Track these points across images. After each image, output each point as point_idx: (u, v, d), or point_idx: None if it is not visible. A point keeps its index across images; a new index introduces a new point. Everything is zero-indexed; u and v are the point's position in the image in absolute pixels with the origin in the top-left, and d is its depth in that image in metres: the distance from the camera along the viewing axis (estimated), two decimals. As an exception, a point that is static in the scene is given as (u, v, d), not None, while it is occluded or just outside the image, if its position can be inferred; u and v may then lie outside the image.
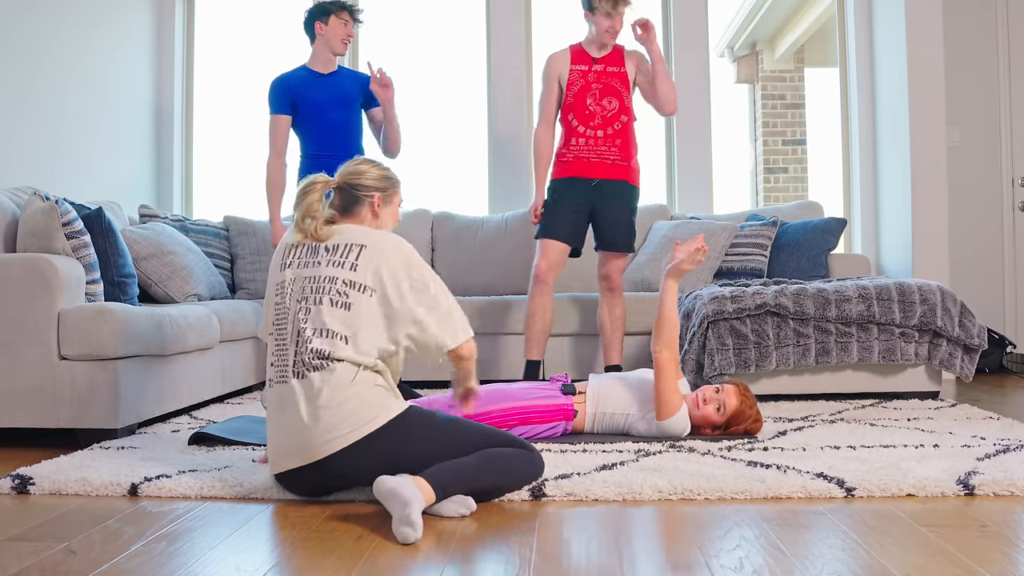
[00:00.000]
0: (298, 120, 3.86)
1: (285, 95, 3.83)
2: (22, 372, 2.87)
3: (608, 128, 3.74)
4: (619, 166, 3.76)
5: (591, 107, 3.74)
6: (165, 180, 5.43)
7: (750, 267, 4.52)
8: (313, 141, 3.84)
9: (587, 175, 3.75)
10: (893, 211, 4.99)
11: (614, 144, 3.75)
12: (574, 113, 3.76)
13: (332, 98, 3.84)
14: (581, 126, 3.75)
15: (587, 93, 3.75)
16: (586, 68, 3.78)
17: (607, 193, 3.75)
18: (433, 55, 5.72)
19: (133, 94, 5.14)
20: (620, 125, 3.75)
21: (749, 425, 2.83)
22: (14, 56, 4.08)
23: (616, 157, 3.75)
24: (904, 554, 1.64)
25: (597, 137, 3.74)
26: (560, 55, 3.84)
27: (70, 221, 3.08)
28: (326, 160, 3.79)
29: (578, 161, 3.75)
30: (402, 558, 1.66)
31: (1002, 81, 5.28)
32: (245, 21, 5.83)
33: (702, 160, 5.33)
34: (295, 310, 2.07)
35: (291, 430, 2.01)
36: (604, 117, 3.74)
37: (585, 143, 3.75)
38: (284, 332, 2.08)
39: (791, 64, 8.05)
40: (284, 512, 2.02)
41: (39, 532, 1.86)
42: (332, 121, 3.82)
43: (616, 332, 3.80)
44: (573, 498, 2.10)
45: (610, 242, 3.80)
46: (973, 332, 3.68)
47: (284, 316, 2.09)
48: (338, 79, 3.89)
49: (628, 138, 3.78)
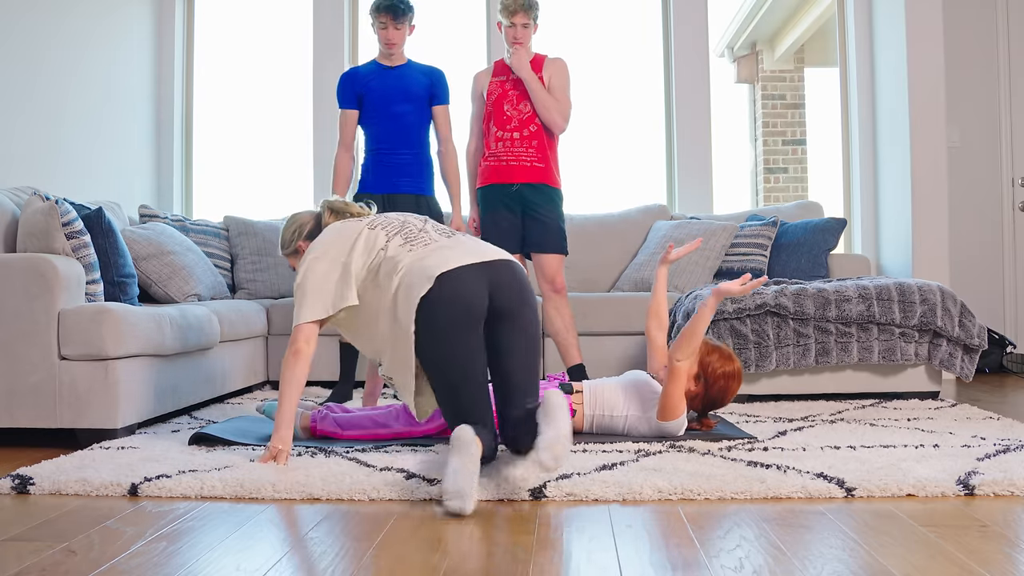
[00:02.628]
0: (364, 114, 3.83)
1: (351, 89, 3.81)
2: (22, 372, 2.87)
3: (524, 130, 3.78)
4: (537, 168, 3.79)
5: (507, 112, 3.81)
6: (165, 180, 5.43)
7: (750, 267, 4.52)
8: (377, 135, 3.80)
9: (507, 179, 3.79)
10: (893, 211, 4.99)
11: (531, 146, 3.78)
12: (493, 119, 3.84)
13: (397, 91, 3.78)
14: (499, 130, 3.81)
15: (504, 100, 3.82)
16: (504, 78, 3.85)
17: (529, 198, 3.79)
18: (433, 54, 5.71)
19: (133, 94, 5.14)
20: (536, 127, 3.79)
21: (722, 364, 2.82)
22: (14, 56, 4.08)
23: (534, 159, 3.79)
24: (904, 554, 1.64)
25: (513, 139, 3.79)
26: (484, 72, 3.97)
27: (70, 221, 3.08)
28: (390, 156, 3.80)
29: (498, 165, 3.80)
30: (402, 558, 1.66)
31: (1002, 81, 5.27)
32: (245, 21, 5.83)
33: (702, 160, 5.33)
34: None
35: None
36: (520, 120, 3.79)
37: (502, 146, 3.80)
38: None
39: (791, 64, 8.05)
40: (284, 512, 2.02)
41: (39, 532, 1.86)
42: (396, 114, 3.77)
43: (570, 331, 3.82)
44: (573, 498, 2.10)
45: (542, 244, 3.82)
46: (973, 332, 3.68)
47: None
48: (406, 72, 3.83)
49: (544, 141, 3.81)
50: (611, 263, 4.90)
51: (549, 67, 3.86)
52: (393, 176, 3.78)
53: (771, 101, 8.08)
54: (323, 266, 2.51)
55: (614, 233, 4.96)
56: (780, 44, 7.86)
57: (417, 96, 3.80)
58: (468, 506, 1.94)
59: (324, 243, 2.56)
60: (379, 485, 2.15)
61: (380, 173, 3.79)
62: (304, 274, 2.52)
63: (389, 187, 3.77)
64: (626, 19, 5.76)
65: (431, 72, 3.87)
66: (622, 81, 5.77)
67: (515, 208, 3.80)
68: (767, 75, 8.13)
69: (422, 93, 3.81)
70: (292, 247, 2.79)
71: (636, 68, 5.72)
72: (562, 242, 3.85)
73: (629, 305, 4.28)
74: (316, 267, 2.51)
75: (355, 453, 2.57)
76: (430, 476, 2.24)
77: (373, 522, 1.91)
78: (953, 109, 5.21)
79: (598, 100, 5.79)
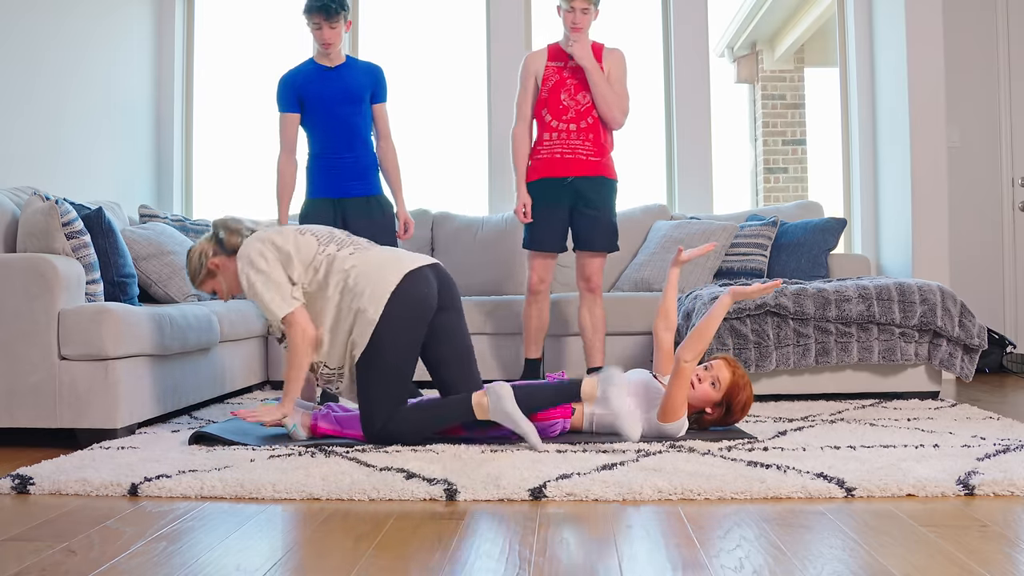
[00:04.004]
0: (305, 117, 3.75)
1: (291, 92, 3.74)
2: (22, 372, 2.87)
3: (581, 122, 3.70)
4: (592, 162, 3.71)
5: (564, 101, 3.71)
6: (165, 180, 5.43)
7: (750, 267, 4.52)
8: (320, 139, 3.74)
9: (560, 174, 3.71)
10: (893, 211, 4.99)
11: (587, 139, 3.70)
12: (548, 108, 3.73)
13: (339, 92, 3.71)
14: (554, 120, 3.72)
15: (561, 88, 3.72)
16: (561, 65, 3.75)
17: (583, 191, 3.71)
18: (433, 54, 5.72)
19: (133, 94, 5.14)
20: (593, 120, 3.70)
21: (747, 398, 2.82)
22: (14, 56, 4.08)
23: (590, 152, 3.71)
24: (904, 554, 1.64)
25: (570, 131, 3.70)
26: (537, 54, 3.82)
27: (70, 221, 3.08)
28: (336, 159, 3.75)
29: (551, 158, 3.72)
30: (402, 558, 1.66)
31: (1002, 81, 5.28)
32: (245, 21, 5.83)
33: (702, 160, 5.33)
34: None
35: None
36: (577, 111, 3.70)
37: (558, 137, 3.71)
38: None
39: (791, 64, 8.05)
40: (284, 512, 2.02)
41: (39, 532, 1.86)
42: (340, 116, 3.71)
43: (597, 333, 3.79)
44: (573, 498, 2.10)
45: (589, 242, 3.75)
46: (973, 332, 3.68)
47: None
48: (346, 72, 3.75)
49: (600, 134, 3.73)
50: (611, 263, 4.89)
51: (609, 58, 3.75)
52: (343, 180, 3.73)
53: (771, 101, 8.08)
54: (266, 265, 2.73)
55: (614, 233, 4.95)
56: (780, 44, 7.86)
57: (359, 96, 3.74)
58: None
59: (257, 249, 2.75)
60: (379, 485, 2.15)
61: (329, 177, 3.74)
62: (252, 278, 2.72)
63: (340, 191, 3.73)
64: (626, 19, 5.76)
65: (372, 70, 3.81)
66: (622, 81, 5.76)
67: (564, 202, 3.73)
68: (767, 75, 8.13)
69: (363, 93, 3.75)
70: (204, 271, 2.91)
71: (636, 68, 5.71)
72: (612, 239, 3.78)
73: (629, 305, 4.28)
74: (260, 266, 2.72)
75: (355, 453, 2.57)
76: (430, 476, 2.24)
77: (373, 522, 1.91)
78: (953, 109, 5.21)
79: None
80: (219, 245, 2.90)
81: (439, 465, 2.38)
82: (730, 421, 2.88)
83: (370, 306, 2.66)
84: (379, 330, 2.65)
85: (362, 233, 3.81)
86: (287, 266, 2.75)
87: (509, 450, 2.59)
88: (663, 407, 2.75)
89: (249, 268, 2.74)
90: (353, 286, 2.70)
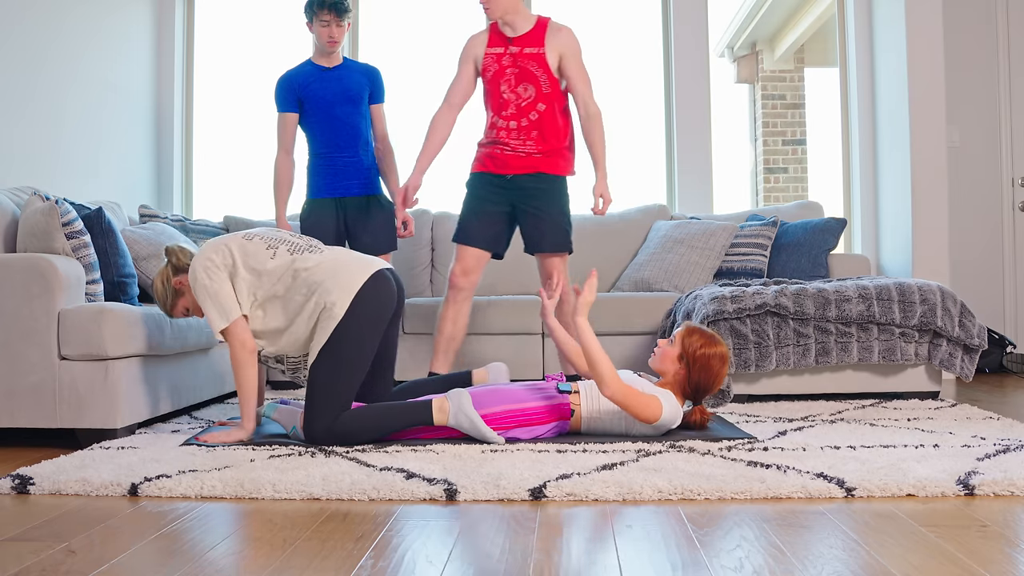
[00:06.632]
0: (304, 117, 3.79)
1: (290, 92, 3.77)
2: (22, 372, 2.87)
3: (523, 119, 3.43)
4: (534, 159, 3.45)
5: (505, 95, 3.44)
6: (165, 180, 5.43)
7: (750, 267, 4.52)
8: (320, 139, 3.78)
9: (500, 170, 3.49)
10: (893, 211, 4.99)
11: (529, 136, 3.43)
12: (489, 101, 3.50)
13: (338, 93, 3.75)
14: (496, 117, 3.48)
15: (501, 79, 3.44)
16: (501, 51, 3.45)
17: (526, 190, 3.48)
18: (433, 53, 5.71)
19: (133, 94, 5.14)
20: (536, 115, 3.43)
21: (703, 339, 2.81)
22: (14, 56, 4.08)
23: (532, 150, 3.45)
24: (904, 554, 1.64)
25: (510, 128, 3.45)
26: (478, 37, 3.53)
27: (70, 221, 3.08)
28: (336, 159, 3.78)
29: (492, 153, 3.51)
30: (403, 558, 1.66)
31: (1002, 81, 5.28)
32: (245, 21, 5.83)
33: (702, 160, 5.33)
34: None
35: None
36: (518, 106, 3.42)
37: (497, 135, 3.48)
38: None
39: (791, 64, 8.05)
40: (284, 512, 2.02)
41: (39, 532, 1.86)
42: (339, 116, 3.74)
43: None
44: (573, 498, 2.10)
45: (536, 243, 3.52)
46: (973, 332, 3.68)
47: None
48: (344, 72, 3.79)
49: (545, 129, 3.44)
50: (611, 263, 4.90)
51: (555, 39, 3.43)
52: (343, 179, 3.76)
53: (771, 101, 8.08)
54: (207, 279, 2.75)
55: (614, 233, 4.96)
56: (780, 44, 7.86)
57: (358, 96, 3.78)
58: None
59: (202, 263, 2.77)
60: (379, 485, 2.15)
61: (329, 177, 3.77)
62: (198, 292, 2.76)
63: (340, 190, 3.76)
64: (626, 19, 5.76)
65: (369, 71, 3.85)
66: (622, 81, 5.77)
67: (506, 201, 3.52)
68: (767, 75, 8.13)
69: (362, 93, 3.79)
70: (170, 292, 2.92)
71: (636, 68, 5.72)
72: (561, 238, 3.52)
73: (629, 305, 4.28)
74: (202, 281, 2.75)
75: (355, 453, 2.57)
76: (430, 476, 2.24)
77: (373, 522, 1.91)
78: (953, 109, 5.21)
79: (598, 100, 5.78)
80: (174, 269, 2.92)
81: (439, 465, 2.38)
82: (697, 375, 2.81)
83: (337, 301, 2.69)
84: (343, 324, 2.68)
85: (362, 232, 3.82)
86: (233, 275, 2.76)
87: (509, 450, 2.59)
88: (644, 421, 2.74)
89: (195, 283, 2.77)
90: (319, 283, 2.72)
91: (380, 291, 2.76)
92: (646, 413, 2.72)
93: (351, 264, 2.78)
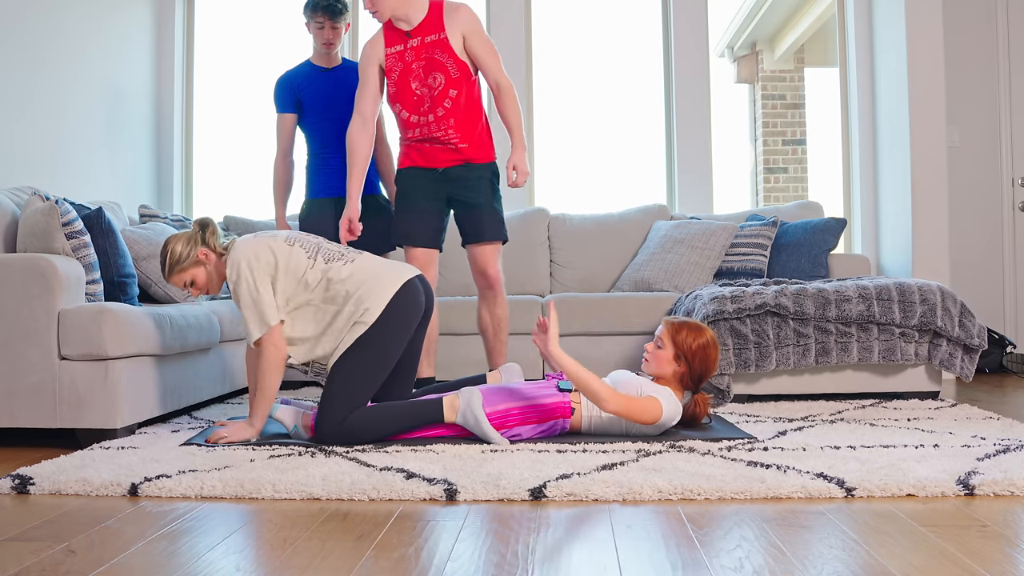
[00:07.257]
0: (303, 117, 3.79)
1: (289, 93, 3.78)
2: (22, 372, 2.87)
3: (438, 109, 3.31)
4: (461, 150, 3.37)
5: (417, 91, 3.32)
6: (165, 180, 5.43)
7: (750, 267, 4.52)
8: (319, 139, 3.78)
9: (431, 164, 3.40)
10: (893, 211, 4.99)
11: (449, 126, 3.33)
12: (401, 103, 3.35)
13: (337, 93, 3.75)
14: (412, 115, 3.35)
15: (409, 76, 3.31)
16: (401, 48, 3.33)
17: (458, 182, 3.40)
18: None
19: (133, 93, 5.15)
20: (451, 102, 3.31)
21: (692, 331, 2.84)
22: (14, 56, 4.08)
23: (457, 139, 3.35)
24: (904, 554, 1.64)
25: (429, 122, 3.33)
26: (375, 40, 3.39)
27: (70, 221, 3.08)
28: (336, 159, 3.77)
29: (421, 148, 3.40)
30: (402, 558, 1.66)
31: (1002, 81, 5.28)
32: (245, 21, 5.83)
33: (702, 160, 5.33)
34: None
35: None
36: (432, 98, 3.31)
37: (420, 133, 3.37)
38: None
39: (791, 64, 8.05)
40: (284, 512, 2.02)
41: (39, 532, 1.86)
42: (338, 117, 3.74)
43: (499, 334, 3.50)
44: (573, 498, 2.10)
45: (476, 233, 3.42)
46: (973, 332, 3.68)
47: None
48: (343, 73, 3.80)
49: (460, 115, 3.34)
50: (611, 263, 4.90)
51: (453, 18, 3.31)
52: (342, 179, 3.71)
53: (771, 101, 8.08)
54: (251, 277, 2.74)
55: (614, 233, 4.96)
56: (780, 44, 7.86)
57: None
58: None
59: (252, 254, 2.76)
60: (379, 485, 2.16)
61: (329, 177, 3.77)
62: (239, 286, 2.74)
63: (340, 191, 3.73)
64: (626, 19, 5.76)
65: None
66: (622, 81, 5.77)
67: (441, 193, 3.42)
68: (767, 75, 8.13)
69: None
70: (191, 257, 2.87)
71: (636, 68, 5.72)
72: (498, 227, 3.44)
73: (629, 305, 4.28)
74: (246, 276, 2.74)
75: (355, 453, 2.57)
76: (430, 476, 2.24)
77: (373, 522, 1.91)
78: (953, 109, 5.21)
79: (598, 100, 5.80)
80: (202, 239, 2.90)
81: (439, 465, 2.38)
82: (698, 367, 2.84)
83: (370, 308, 2.72)
84: (371, 331, 2.72)
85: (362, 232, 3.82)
86: (275, 278, 2.77)
87: (509, 450, 2.60)
88: (645, 423, 2.75)
89: (238, 278, 2.75)
90: (352, 294, 2.75)
91: (410, 300, 2.80)
92: (647, 417, 2.74)
93: (384, 274, 2.81)
